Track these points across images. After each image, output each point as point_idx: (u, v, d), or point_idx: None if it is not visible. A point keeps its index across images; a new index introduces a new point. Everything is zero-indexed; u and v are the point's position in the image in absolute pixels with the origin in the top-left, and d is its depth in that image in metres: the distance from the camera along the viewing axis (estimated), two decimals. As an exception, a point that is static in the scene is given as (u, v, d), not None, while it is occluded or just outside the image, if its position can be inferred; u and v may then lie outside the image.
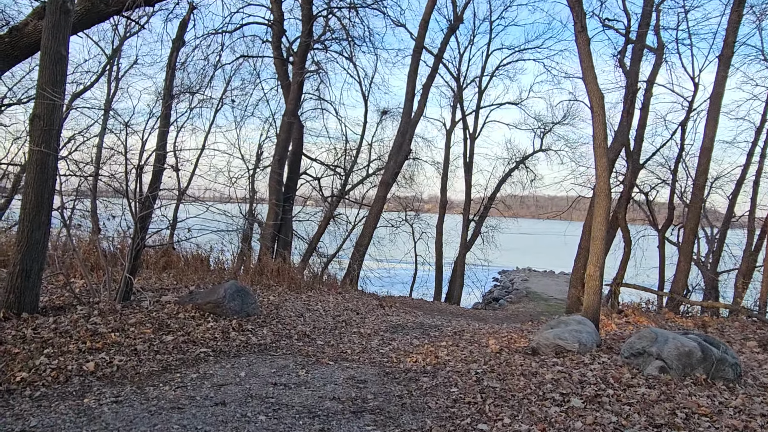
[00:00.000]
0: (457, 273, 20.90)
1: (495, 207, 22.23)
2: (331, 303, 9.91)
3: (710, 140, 11.96)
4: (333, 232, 18.74)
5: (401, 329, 8.68)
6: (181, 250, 12.10)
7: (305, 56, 13.61)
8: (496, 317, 17.28)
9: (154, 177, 7.67)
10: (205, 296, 7.32)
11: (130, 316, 6.55)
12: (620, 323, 9.21)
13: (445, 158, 21.30)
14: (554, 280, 30.30)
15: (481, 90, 20.53)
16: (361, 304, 10.68)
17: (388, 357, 6.33)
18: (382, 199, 14.41)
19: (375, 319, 9.36)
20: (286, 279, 10.74)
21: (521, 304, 22.77)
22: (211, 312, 7.12)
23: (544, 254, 46.45)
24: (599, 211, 7.50)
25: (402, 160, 14.77)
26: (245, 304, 7.45)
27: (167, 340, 5.91)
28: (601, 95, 7.81)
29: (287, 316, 8.03)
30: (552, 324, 6.57)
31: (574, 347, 5.87)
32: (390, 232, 20.93)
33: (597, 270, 7.37)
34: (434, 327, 9.27)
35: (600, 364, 5.43)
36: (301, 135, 15.21)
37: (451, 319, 12.28)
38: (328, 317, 8.67)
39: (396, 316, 10.21)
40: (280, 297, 9.28)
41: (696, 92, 13.63)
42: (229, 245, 13.65)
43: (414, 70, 14.47)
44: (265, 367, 5.41)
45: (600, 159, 7.61)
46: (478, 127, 20.81)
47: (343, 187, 17.60)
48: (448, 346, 7.04)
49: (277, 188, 13.46)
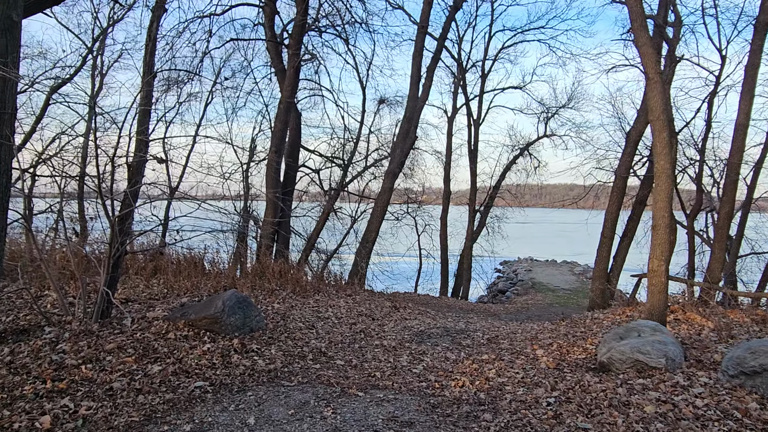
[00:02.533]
0: (464, 266, 19.70)
1: (500, 196, 21.02)
2: (342, 308, 8.65)
3: (746, 115, 10.75)
4: (331, 228, 17.48)
5: (427, 338, 7.44)
6: (172, 254, 10.82)
7: (301, 37, 12.26)
8: (508, 311, 16.13)
9: (134, 170, 6.35)
10: (200, 310, 6.02)
11: (108, 340, 5.25)
12: (669, 321, 8.03)
13: (447, 147, 20.03)
14: (558, 270, 29.18)
15: (484, 74, 19.23)
16: (374, 307, 9.44)
17: (426, 380, 5.08)
18: (388, 190, 13.13)
19: (394, 326, 8.12)
20: (290, 281, 9.46)
21: (529, 296, 21.60)
22: (208, 329, 5.84)
23: (546, 243, 45.44)
24: (661, 195, 6.29)
25: (408, 148, 13.48)
26: (248, 317, 6.17)
27: (153, 371, 4.62)
28: (658, 59, 6.59)
29: (297, 328, 6.76)
30: (620, 333, 5.35)
31: (660, 363, 4.66)
32: (392, 225, 19.67)
33: (662, 264, 6.17)
34: (461, 332, 8.05)
35: (704, 388, 4.22)
36: (299, 124, 13.89)
37: (467, 318, 11.10)
38: (343, 326, 7.42)
39: (415, 320, 8.98)
40: (286, 304, 8.01)
41: (723, 66, 12.42)
42: (225, 245, 12.35)
43: (419, 50, 13.17)
44: (279, 406, 4.13)
45: (659, 133, 6.38)
46: (482, 113, 19.55)
47: (342, 180, 16.29)
48: (491, 360, 5.81)
49: (275, 180, 12.14)
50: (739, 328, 7.31)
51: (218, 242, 12.18)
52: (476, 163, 19.52)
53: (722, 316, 8.54)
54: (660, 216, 6.25)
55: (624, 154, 12.40)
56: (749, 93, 10.71)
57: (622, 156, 12.44)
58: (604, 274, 12.37)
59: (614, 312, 9.45)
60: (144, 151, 6.38)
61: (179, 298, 7.62)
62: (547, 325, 9.16)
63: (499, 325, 9.55)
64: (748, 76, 10.66)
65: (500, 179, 20.42)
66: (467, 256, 19.60)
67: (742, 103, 10.75)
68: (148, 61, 6.58)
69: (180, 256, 10.61)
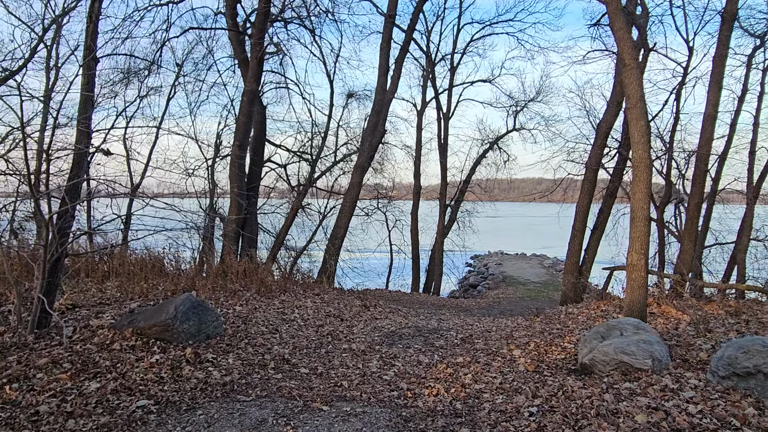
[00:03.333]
0: (436, 261, 19.35)
1: (471, 190, 20.74)
2: (309, 308, 8.15)
3: (714, 106, 10.66)
4: (300, 224, 16.91)
5: (398, 339, 7.01)
6: (130, 254, 10.16)
7: (265, 26, 11.64)
8: (480, 306, 15.87)
9: (74, 164, 5.71)
10: (150, 316, 5.44)
11: (43, 353, 4.65)
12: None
13: (417, 141, 19.61)
14: (528, 263, 29.19)
15: (453, 67, 18.86)
16: (343, 306, 8.97)
17: (398, 389, 4.64)
18: (357, 185, 12.64)
19: (363, 327, 7.66)
20: (254, 282, 8.91)
21: (500, 289, 21.44)
22: (158, 338, 5.27)
23: (515, 237, 45.64)
24: (639, 186, 5.98)
25: (377, 141, 13.01)
26: (204, 323, 5.63)
27: (90, 389, 4.05)
28: (634, 44, 6.28)
29: (259, 332, 6.24)
30: (601, 331, 5.00)
31: (646, 365, 4.32)
32: (362, 221, 19.19)
33: (641, 258, 5.87)
34: (434, 332, 7.65)
35: (694, 391, 3.89)
36: (264, 118, 13.26)
37: (439, 314, 10.74)
38: (309, 329, 6.92)
39: (386, 320, 8.55)
40: (249, 305, 7.47)
41: (690, 57, 12.34)
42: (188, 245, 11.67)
43: (387, 40, 12.69)
44: (232, 427, 3.63)
45: (636, 122, 6.07)
46: (451, 107, 19.17)
47: (310, 175, 15.72)
48: (467, 364, 5.41)
49: (239, 177, 11.51)
50: (714, 320, 7.11)
51: (183, 242, 11.51)
52: (446, 157, 19.17)
53: (696, 308, 8.38)
54: (639, 208, 5.94)
55: (594, 147, 12.18)
56: (717, 84, 10.60)
57: (593, 148, 12.23)
58: (576, 267, 12.16)
59: (588, 306, 9.21)
60: (86, 144, 5.74)
61: (133, 302, 7.02)
62: (522, 322, 8.85)
63: (473, 322, 9.20)
64: (716, 67, 10.55)
65: (470, 173, 20.13)
66: (438, 251, 19.27)
67: (711, 94, 10.65)
68: (89, 45, 5.94)
69: (138, 256, 9.96)
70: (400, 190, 22.75)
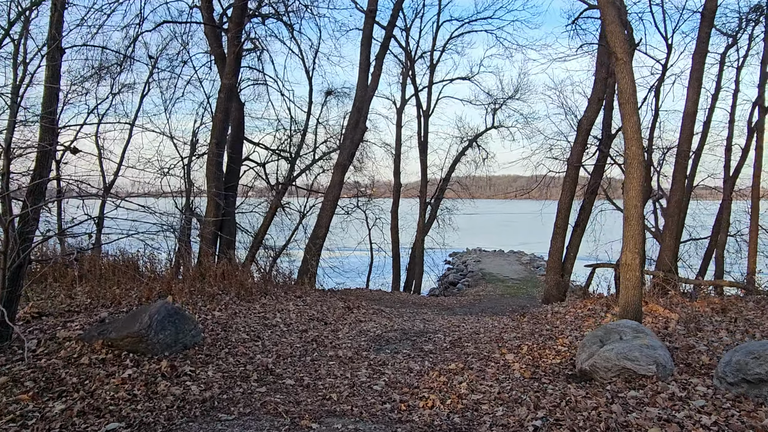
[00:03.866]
0: (416, 259, 19.12)
1: (450, 188, 20.56)
2: (292, 312, 7.80)
3: (694, 103, 10.59)
4: (279, 224, 16.48)
5: (385, 343, 6.72)
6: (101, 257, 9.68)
7: (242, 20, 11.19)
8: (461, 304, 15.67)
9: (38, 163, 5.26)
10: (122, 327, 5.03)
11: (2, 371, 4.22)
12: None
13: (396, 138, 19.34)
14: (506, 260, 29.20)
15: (432, 64, 18.64)
16: (326, 309, 8.63)
17: (390, 400, 4.34)
18: (338, 183, 12.28)
19: (349, 330, 7.35)
20: (233, 284, 8.51)
21: (479, 287, 21.32)
22: (131, 350, 4.87)
23: (492, 233, 45.75)
24: (633, 183, 5.80)
25: (359, 139, 12.69)
26: (181, 332, 5.24)
27: (54, 411, 3.65)
28: (625, 38, 6.09)
29: (240, 340, 5.87)
30: (599, 335, 4.78)
31: (650, 371, 4.11)
32: (342, 219, 18.83)
33: (636, 257, 5.68)
34: (421, 335, 7.38)
35: (704, 399, 3.69)
36: (242, 115, 12.81)
37: (422, 314, 10.49)
38: (293, 335, 6.58)
39: (370, 322, 8.25)
40: (229, 310, 7.08)
41: (669, 54, 12.33)
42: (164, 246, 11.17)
43: (368, 36, 12.36)
44: (213, 451, 3.29)
45: (630, 117, 5.89)
46: (431, 104, 18.95)
47: (290, 173, 15.30)
48: (460, 370, 5.14)
49: (216, 175, 11.06)
50: (701, 318, 7.00)
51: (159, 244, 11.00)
52: (426, 154, 18.94)
53: (682, 305, 8.29)
54: (632, 205, 5.76)
55: (576, 144, 12.07)
56: (697, 81, 10.55)
57: (574, 145, 12.12)
58: (558, 264, 12.03)
59: (574, 305, 9.06)
60: (51, 141, 5.30)
61: (103, 310, 6.58)
62: (509, 322, 8.65)
63: (458, 323, 8.95)
64: (696, 64, 10.48)
65: (450, 171, 19.94)
66: (419, 249, 19.04)
67: (691, 91, 10.58)
68: (53, 34, 5.49)
69: (111, 259, 9.48)
70: (379, 188, 22.44)
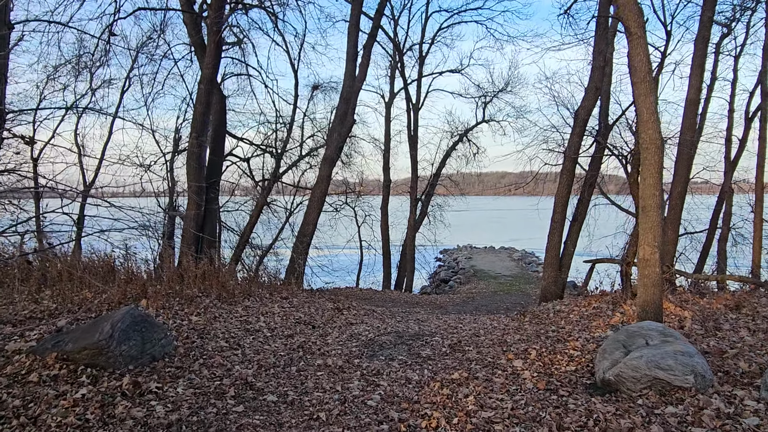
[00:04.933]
0: (407, 257, 18.50)
1: (441, 184, 19.97)
2: (276, 315, 7.14)
3: (696, 91, 10.08)
4: (266, 222, 15.80)
5: (379, 348, 6.09)
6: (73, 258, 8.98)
7: (222, 7, 10.48)
8: (454, 303, 15.10)
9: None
10: (80, 337, 4.35)
11: (-70, 393, 3.54)
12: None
13: (385, 133, 18.69)
14: (497, 256, 28.70)
15: (422, 56, 17.99)
16: (314, 311, 7.99)
17: (388, 419, 3.72)
18: (326, 178, 11.62)
19: (338, 335, 6.71)
20: (215, 286, 7.84)
21: (472, 284, 20.76)
22: (90, 364, 4.20)
23: (482, 230, 45.28)
24: (651, 171, 5.23)
25: (346, 131, 12.03)
26: (148, 342, 4.57)
27: (-18, 446, 3.00)
28: (640, 9, 5.52)
29: (217, 348, 5.21)
30: (621, 340, 4.20)
31: (687, 382, 3.53)
32: (330, 217, 18.17)
33: (655, 252, 5.11)
34: (417, 338, 6.77)
35: (757, 416, 3.11)
36: (223, 108, 12.09)
37: (415, 314, 9.91)
38: (277, 341, 5.93)
39: (362, 325, 7.62)
40: (208, 314, 6.41)
41: (669, 41, 11.82)
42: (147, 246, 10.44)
43: (355, 23, 11.70)
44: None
45: (645, 98, 5.34)
46: (421, 98, 18.30)
47: (275, 170, 14.61)
48: (464, 380, 4.53)
49: (197, 171, 10.37)
50: (718, 316, 6.48)
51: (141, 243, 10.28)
52: (417, 149, 18.31)
53: (693, 302, 7.77)
54: (650, 195, 5.19)
55: (573, 135, 11.51)
56: (700, 68, 10.04)
57: (571, 136, 11.55)
58: (556, 260, 11.47)
59: (577, 303, 8.49)
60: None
61: (71, 315, 5.90)
62: (509, 322, 8.06)
63: (455, 323, 8.36)
64: (698, 50, 9.97)
65: (440, 166, 19.34)
66: (410, 247, 18.42)
67: (693, 78, 10.05)
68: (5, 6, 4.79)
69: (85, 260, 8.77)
70: (367, 186, 21.79)
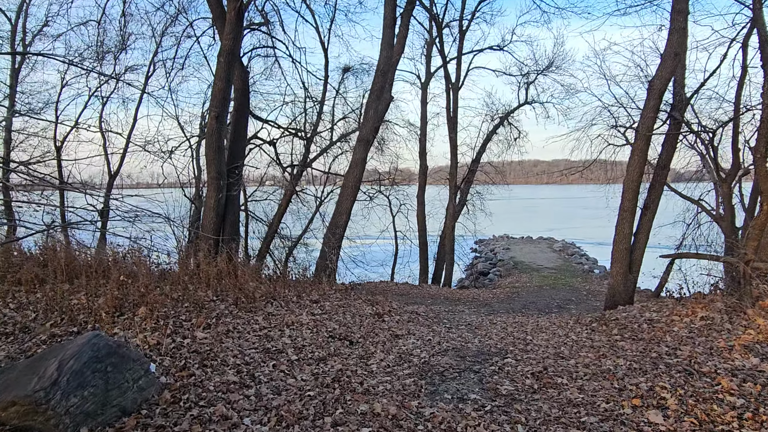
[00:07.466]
0: (446, 248, 16.79)
1: (482, 170, 18.13)
2: (305, 327, 5.60)
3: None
4: (296, 212, 14.37)
5: (439, 379, 4.48)
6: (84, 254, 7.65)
7: (241, -33, 8.93)
8: (498, 299, 13.37)
9: None
10: (12, 383, 2.88)
11: None
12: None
13: (422, 116, 16.93)
14: (537, 247, 26.68)
15: (462, 31, 16.09)
16: (350, 318, 6.45)
17: None
18: (361, 161, 10.02)
19: (384, 356, 5.12)
20: (232, 290, 6.36)
21: (513, 277, 18.96)
22: (21, 427, 2.72)
23: (517, 219, 43.08)
24: None
25: (384, 109, 10.35)
26: (115, 388, 3.05)
27: None
28: None
29: (221, 385, 3.68)
30: None
31: None
32: (363, 206, 16.61)
33: None
34: (483, 358, 5.14)
35: None
36: (246, 85, 10.57)
37: (458, 312, 8.30)
38: (305, 369, 4.37)
39: (410, 337, 6.04)
40: (219, 327, 4.92)
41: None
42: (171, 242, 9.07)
43: (393, -17, 10.01)
44: None
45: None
46: (461, 76, 16.46)
47: (305, 155, 13.08)
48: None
49: (217, 153, 8.92)
50: None
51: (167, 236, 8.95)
52: (456, 132, 16.49)
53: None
54: None
55: (646, 109, 9.58)
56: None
57: (644, 111, 9.63)
58: (626, 255, 9.62)
59: (675, 311, 6.65)
60: None
61: (55, 327, 4.51)
62: (590, 334, 6.32)
63: (521, 334, 6.70)
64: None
65: (480, 151, 17.49)
66: (449, 237, 16.69)
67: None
68: None
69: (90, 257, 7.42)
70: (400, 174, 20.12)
